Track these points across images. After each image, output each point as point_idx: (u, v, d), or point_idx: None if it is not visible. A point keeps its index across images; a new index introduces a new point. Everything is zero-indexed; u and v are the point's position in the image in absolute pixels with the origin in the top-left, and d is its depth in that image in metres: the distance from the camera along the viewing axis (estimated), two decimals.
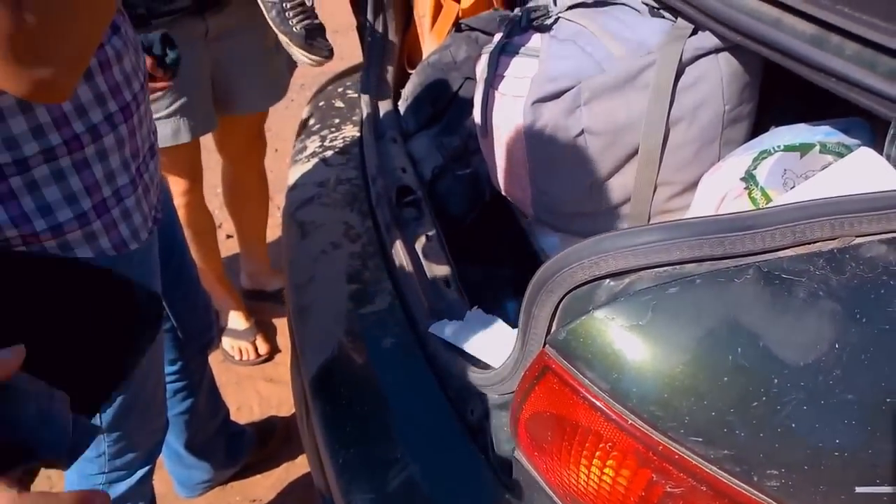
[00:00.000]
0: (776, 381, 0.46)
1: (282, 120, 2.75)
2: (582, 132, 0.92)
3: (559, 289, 0.61)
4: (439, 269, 1.04)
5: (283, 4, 1.30)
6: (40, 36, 0.49)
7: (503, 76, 1.02)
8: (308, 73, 3.03)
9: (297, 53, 1.33)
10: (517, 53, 1.01)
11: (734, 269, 0.49)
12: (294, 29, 1.31)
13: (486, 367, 0.81)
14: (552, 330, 0.64)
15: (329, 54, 1.35)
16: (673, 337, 0.48)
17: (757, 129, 0.96)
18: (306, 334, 1.05)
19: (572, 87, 0.92)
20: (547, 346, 0.56)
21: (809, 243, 0.54)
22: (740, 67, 0.88)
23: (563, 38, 0.96)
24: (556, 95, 0.93)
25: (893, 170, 0.63)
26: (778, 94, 0.96)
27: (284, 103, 2.92)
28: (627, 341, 0.49)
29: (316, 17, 1.34)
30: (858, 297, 0.46)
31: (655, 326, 0.48)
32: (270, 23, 1.31)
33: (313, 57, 1.33)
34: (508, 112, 1.00)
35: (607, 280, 0.57)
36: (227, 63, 1.45)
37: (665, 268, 0.55)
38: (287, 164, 2.56)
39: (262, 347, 1.86)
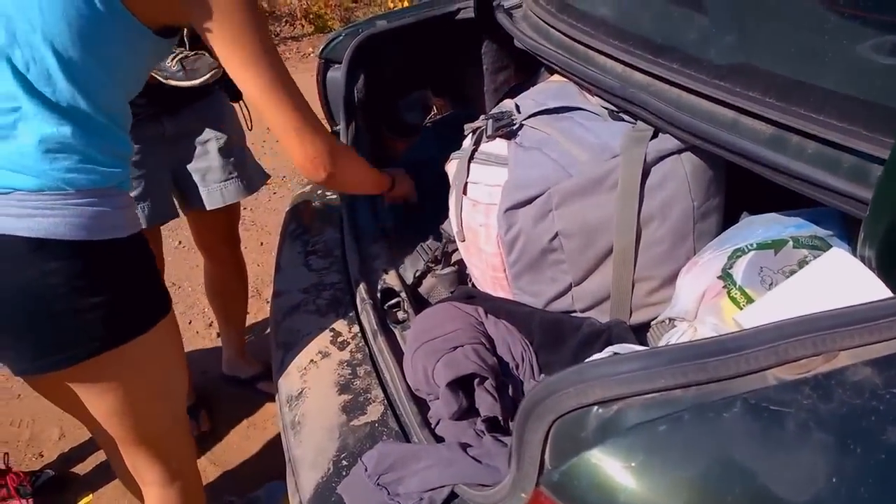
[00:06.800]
0: None
1: (265, 213, 2.78)
2: (556, 235, 0.94)
3: (549, 414, 0.61)
4: None
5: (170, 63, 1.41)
6: None
7: (475, 183, 1.05)
8: (289, 166, 3.09)
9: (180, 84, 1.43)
10: (486, 161, 1.04)
11: (721, 402, 0.49)
12: (171, 68, 1.41)
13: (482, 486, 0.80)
14: (545, 454, 0.64)
15: (207, 72, 1.41)
16: (666, 478, 0.47)
17: (728, 218, 0.99)
18: (299, 451, 1.03)
19: (542, 194, 0.94)
20: (542, 486, 0.55)
21: (794, 361, 0.55)
22: (703, 164, 0.91)
23: (528, 145, 0.99)
24: (527, 202, 0.95)
25: (866, 270, 0.65)
26: (745, 182, 0.99)
27: (267, 196, 2.98)
28: (620, 483, 0.48)
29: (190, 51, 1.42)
30: (849, 426, 0.46)
31: (648, 467, 0.48)
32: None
33: (194, 83, 1.42)
34: (482, 219, 1.02)
35: (595, 407, 0.57)
36: (186, 161, 1.58)
37: (652, 395, 0.55)
38: (274, 258, 2.58)
39: (204, 424, 1.92)
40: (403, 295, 1.20)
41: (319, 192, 1.63)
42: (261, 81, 0.87)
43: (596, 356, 0.77)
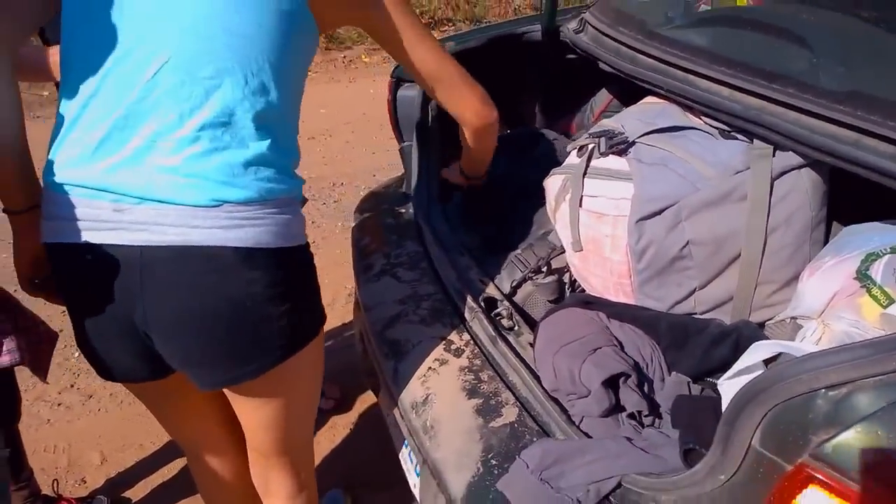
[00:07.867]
0: None
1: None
2: (687, 244, 1.04)
3: (771, 400, 0.70)
4: None
5: None
6: None
7: (594, 197, 1.13)
8: (340, 175, 3.07)
9: None
10: (605, 176, 1.13)
11: None
12: None
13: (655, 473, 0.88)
14: (753, 438, 0.73)
15: None
16: None
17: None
18: (440, 454, 1.07)
19: (672, 206, 1.04)
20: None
21: None
22: (820, 178, 1.03)
23: (650, 161, 1.09)
24: (657, 213, 1.05)
25: None
26: (836, 192, 1.11)
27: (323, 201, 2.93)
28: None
29: None
30: None
31: None
32: None
33: None
34: (609, 230, 1.10)
35: (823, 390, 0.67)
36: None
37: (881, 377, 0.65)
38: (322, 265, 2.59)
39: None
40: (506, 303, 1.27)
41: (385, 205, 1.68)
42: (435, 51, 1.05)
43: (756, 353, 0.87)
